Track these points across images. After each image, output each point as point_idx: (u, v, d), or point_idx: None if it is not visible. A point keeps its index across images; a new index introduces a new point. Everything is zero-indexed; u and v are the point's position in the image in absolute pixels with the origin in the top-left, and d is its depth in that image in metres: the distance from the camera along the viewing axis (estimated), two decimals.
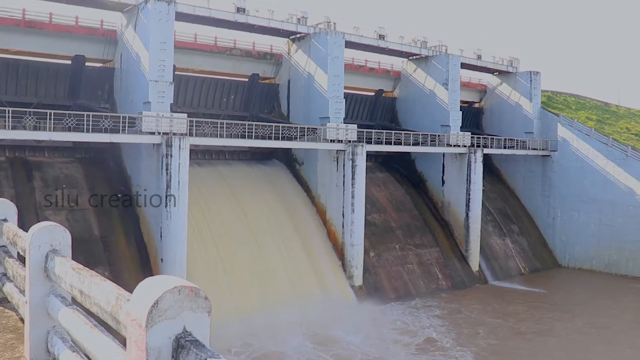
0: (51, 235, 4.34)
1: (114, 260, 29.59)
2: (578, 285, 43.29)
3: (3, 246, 6.63)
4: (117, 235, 30.54)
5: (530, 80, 51.96)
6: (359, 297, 35.54)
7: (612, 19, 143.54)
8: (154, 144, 29.75)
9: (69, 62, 33.48)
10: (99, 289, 3.15)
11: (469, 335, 31.02)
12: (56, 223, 4.49)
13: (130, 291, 3.32)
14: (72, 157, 33.57)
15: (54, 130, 27.45)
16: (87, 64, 33.82)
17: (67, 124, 27.94)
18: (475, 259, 43.25)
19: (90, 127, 27.83)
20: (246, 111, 40.56)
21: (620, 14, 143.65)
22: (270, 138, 34.38)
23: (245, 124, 33.64)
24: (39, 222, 4.74)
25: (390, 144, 40.70)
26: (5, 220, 6.60)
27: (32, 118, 27.31)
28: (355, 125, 38.37)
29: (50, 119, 26.93)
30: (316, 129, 36.68)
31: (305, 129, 36.38)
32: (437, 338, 30.20)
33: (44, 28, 32.18)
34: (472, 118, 54.96)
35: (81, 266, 3.62)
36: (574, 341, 30.75)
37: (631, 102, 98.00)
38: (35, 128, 28.01)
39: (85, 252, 28.35)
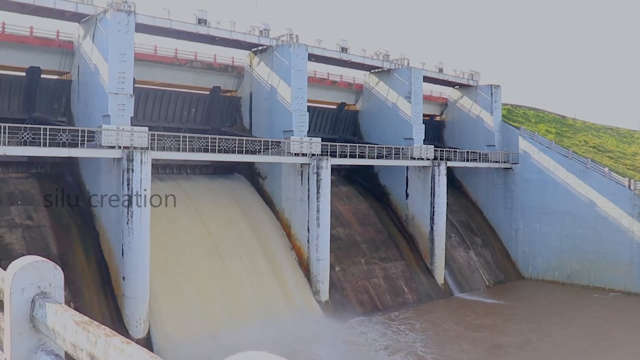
0: (39, 274, 3.44)
1: (73, 279, 28.37)
2: (543, 297, 43.40)
3: None
4: (76, 253, 29.37)
5: (491, 94, 52.34)
6: (325, 312, 34.91)
7: (567, 33, 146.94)
8: (114, 158, 28.76)
9: (24, 74, 32.27)
10: (122, 356, 2.40)
11: (452, 350, 30.60)
12: (44, 258, 3.65)
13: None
14: (27, 173, 32.29)
15: (8, 145, 26.26)
16: (42, 75, 32.65)
17: (22, 138, 26.78)
18: (440, 272, 43.07)
19: (47, 141, 26.75)
20: (207, 125, 39.75)
21: (573, 29, 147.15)
22: (233, 152, 33.65)
23: (208, 138, 32.81)
24: None
25: (354, 157, 40.33)
26: None
27: None
28: (320, 139, 37.89)
29: (4, 132, 25.73)
30: (280, 142, 36.08)
31: (270, 143, 35.72)
32: (423, 354, 29.63)
33: None
34: (434, 131, 55.06)
35: (87, 319, 2.88)
36: (553, 354, 30.71)
37: (586, 116, 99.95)
38: None
39: None
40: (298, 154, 36.20)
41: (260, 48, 38.62)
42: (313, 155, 36.54)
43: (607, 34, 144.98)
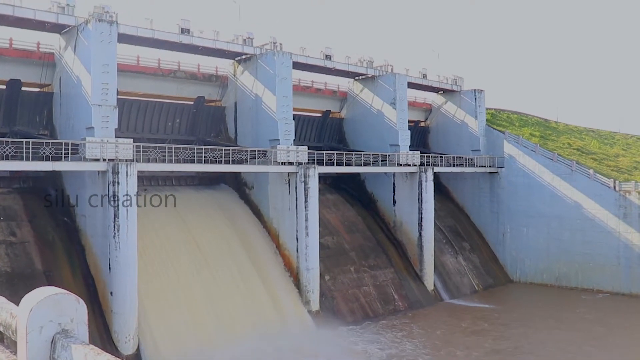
0: (59, 309, 2.95)
1: None
2: (533, 300, 43.36)
3: None
4: (62, 269, 28.73)
5: (475, 99, 52.37)
6: (316, 322, 34.47)
7: (548, 37, 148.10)
8: (99, 171, 28.19)
9: (4, 86, 31.63)
10: None
11: (450, 357, 30.25)
12: (64, 290, 3.15)
13: None
14: (10, 188, 31.62)
15: None
16: (23, 88, 32.00)
17: (4, 152, 26.15)
18: (430, 278, 42.84)
19: (31, 155, 26.14)
20: (192, 135, 39.28)
21: (555, 33, 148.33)
22: (220, 162, 33.21)
23: (194, 148, 32.38)
24: None
25: (341, 164, 40.04)
26: None
27: None
28: (306, 147, 37.55)
29: None
30: (266, 151, 35.70)
31: (256, 152, 35.33)
32: None
33: None
34: (419, 137, 54.97)
35: None
36: (551, 357, 30.57)
37: (566, 118, 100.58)
38: None
39: (27, 289, 26.33)
40: (285, 162, 35.81)
41: (244, 57, 38.26)
42: (300, 163, 36.19)
43: (583, 36, 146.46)
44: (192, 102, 39.24)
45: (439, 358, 29.97)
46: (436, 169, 45.70)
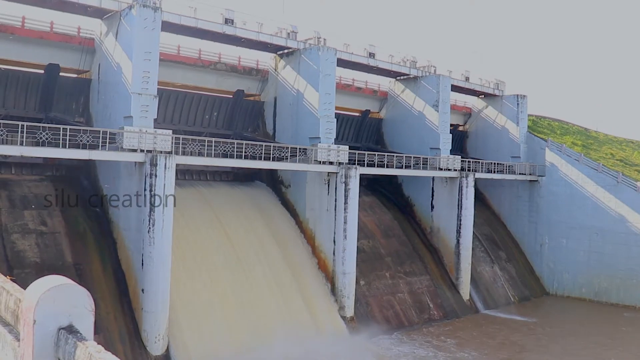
0: None
1: (89, 290, 26.02)
2: (573, 315, 41.63)
3: None
4: (93, 263, 27.62)
5: (517, 104, 50.68)
6: (350, 328, 33.15)
7: (588, 46, 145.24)
8: (136, 162, 27.07)
9: (42, 71, 30.64)
10: None
11: None
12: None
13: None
14: (42, 175, 30.60)
15: (25, 145, 24.57)
16: (61, 73, 30.98)
17: (40, 138, 25.10)
18: (466, 288, 41.31)
19: (67, 142, 25.07)
20: (229, 129, 38.11)
21: (595, 41, 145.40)
22: (260, 158, 31.95)
23: (233, 143, 31.14)
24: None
25: (382, 166, 38.60)
26: None
27: (2, 131, 24.31)
28: (347, 147, 36.21)
29: (22, 132, 24.05)
30: (306, 149, 34.41)
31: (297, 150, 34.00)
32: None
33: (15, 33, 29.26)
34: (457, 141, 53.34)
35: None
36: None
37: (605, 128, 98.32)
38: (2, 142, 24.83)
39: None
40: (325, 162, 34.51)
41: (286, 51, 36.98)
42: (340, 163, 34.86)
43: (617, 46, 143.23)
44: (231, 96, 38.06)
45: None
46: (477, 175, 44.07)
